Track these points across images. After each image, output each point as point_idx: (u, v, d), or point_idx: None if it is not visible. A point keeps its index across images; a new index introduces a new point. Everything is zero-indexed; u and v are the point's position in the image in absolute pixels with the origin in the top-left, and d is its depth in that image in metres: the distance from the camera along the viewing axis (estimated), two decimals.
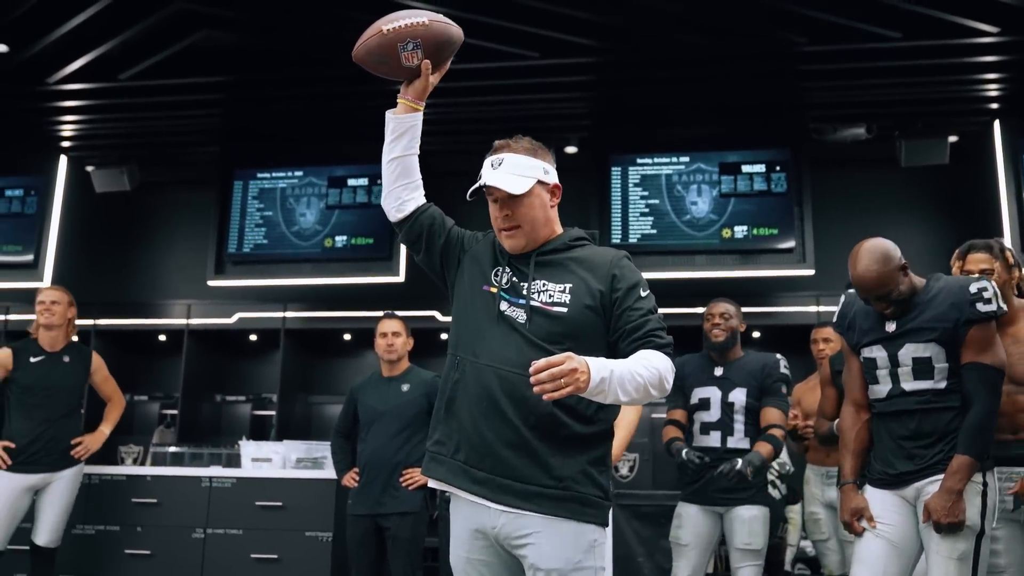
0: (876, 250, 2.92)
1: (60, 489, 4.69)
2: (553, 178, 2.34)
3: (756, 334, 7.32)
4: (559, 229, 2.37)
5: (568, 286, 2.22)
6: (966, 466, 2.78)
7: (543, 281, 2.25)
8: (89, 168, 7.41)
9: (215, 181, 7.38)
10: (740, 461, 3.66)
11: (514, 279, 2.27)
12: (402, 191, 2.42)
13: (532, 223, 2.28)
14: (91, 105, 6.78)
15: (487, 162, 2.35)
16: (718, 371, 3.98)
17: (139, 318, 7.80)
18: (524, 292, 2.24)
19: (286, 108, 6.91)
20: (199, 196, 7.83)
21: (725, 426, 3.89)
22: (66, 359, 4.79)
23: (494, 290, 2.28)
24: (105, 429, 4.93)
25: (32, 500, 4.67)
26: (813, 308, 6.90)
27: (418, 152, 2.43)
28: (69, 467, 4.72)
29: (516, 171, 2.29)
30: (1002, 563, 2.99)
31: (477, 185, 2.30)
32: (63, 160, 7.48)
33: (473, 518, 2.20)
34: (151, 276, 8.14)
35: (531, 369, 1.93)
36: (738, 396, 3.90)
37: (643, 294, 2.23)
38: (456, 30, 2.36)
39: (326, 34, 5.83)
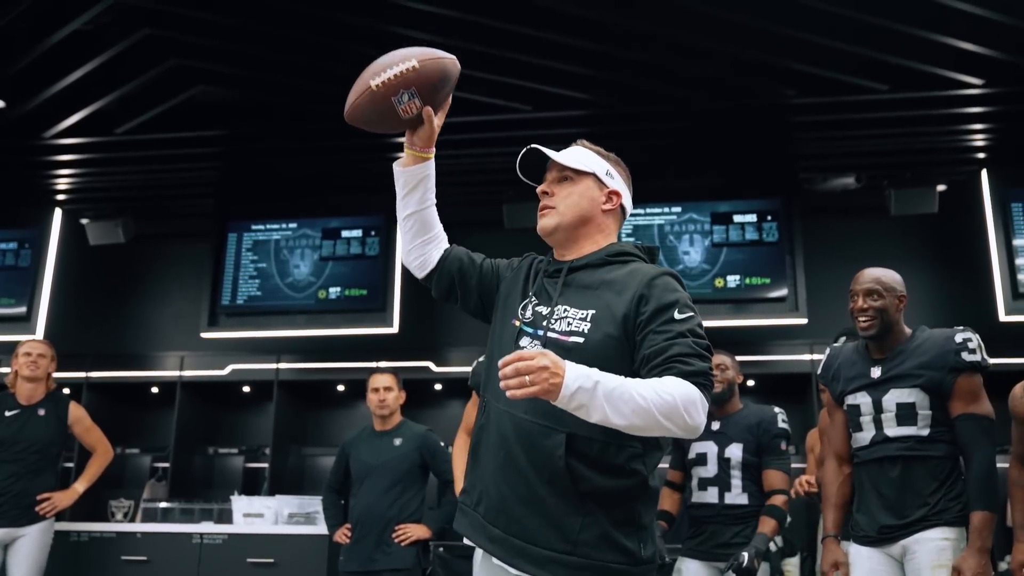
0: (889, 270, 3.11)
1: (27, 546, 4.55)
2: (615, 184, 2.17)
3: (751, 383, 7.31)
4: (606, 242, 2.13)
5: (591, 312, 1.96)
6: (988, 521, 2.79)
7: (565, 307, 2.00)
8: (84, 221, 7.43)
9: (210, 233, 7.41)
10: (746, 555, 3.62)
11: (539, 308, 2.04)
12: (423, 247, 2.26)
13: (571, 210, 2.10)
14: (87, 159, 6.83)
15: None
16: (715, 425, 3.95)
17: (132, 370, 7.76)
18: (544, 322, 2.00)
19: (281, 161, 6.97)
20: (193, 248, 7.86)
21: (722, 482, 3.86)
22: (41, 412, 4.69)
23: (517, 323, 2.06)
24: (79, 487, 4.80)
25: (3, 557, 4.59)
26: (807, 356, 6.90)
27: (434, 202, 2.25)
28: (35, 523, 4.59)
29: (574, 155, 2.16)
30: None
31: (525, 152, 2.15)
32: (58, 213, 7.51)
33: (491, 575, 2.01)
34: (144, 328, 8.13)
35: (499, 363, 1.71)
36: (735, 452, 3.87)
37: (678, 316, 1.89)
38: (450, 62, 2.14)
39: (319, 88, 5.90)
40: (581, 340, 1.93)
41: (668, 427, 1.77)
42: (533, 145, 2.14)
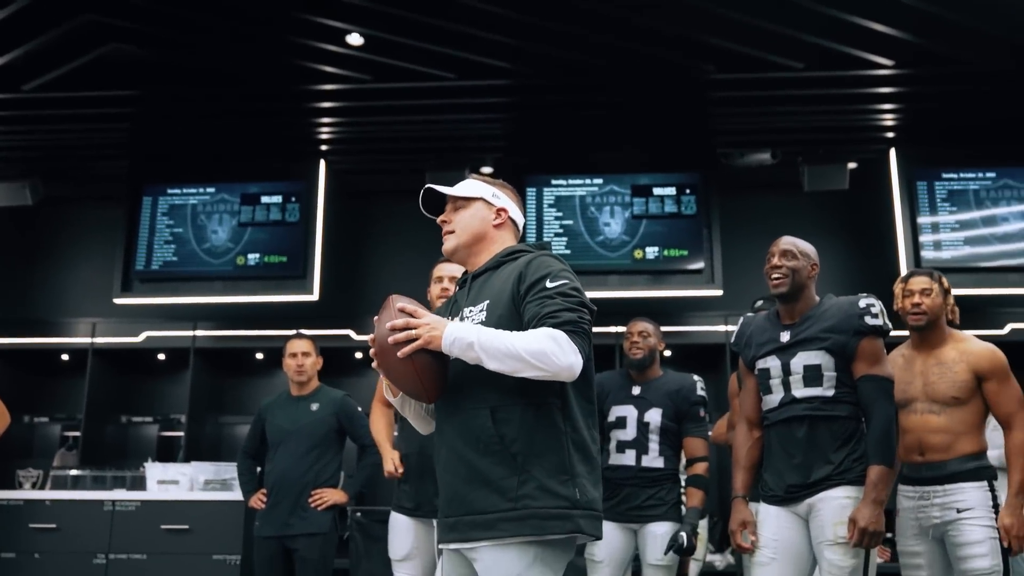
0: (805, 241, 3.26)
1: None
2: (501, 202, 2.44)
3: (667, 353, 7.43)
4: (502, 249, 2.42)
5: (486, 303, 2.27)
6: (884, 475, 2.92)
7: (469, 308, 2.31)
8: None
9: (123, 197, 7.21)
10: (684, 535, 3.73)
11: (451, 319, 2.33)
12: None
13: (465, 231, 2.40)
14: None
15: None
16: (636, 390, 4.03)
17: (40, 336, 7.53)
18: None
19: (197, 124, 6.80)
20: (106, 212, 7.63)
21: (640, 445, 3.95)
22: None
23: None
24: None
25: None
26: (722, 327, 7.08)
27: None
28: None
29: (463, 186, 2.46)
30: (924, 575, 3.21)
31: (423, 192, 2.44)
32: None
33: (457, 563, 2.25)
34: (54, 294, 7.89)
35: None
36: (654, 416, 3.95)
37: (549, 284, 2.19)
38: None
39: (238, 50, 5.78)
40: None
41: (539, 366, 2.07)
42: (428, 185, 2.44)
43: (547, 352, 2.06)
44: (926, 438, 3.24)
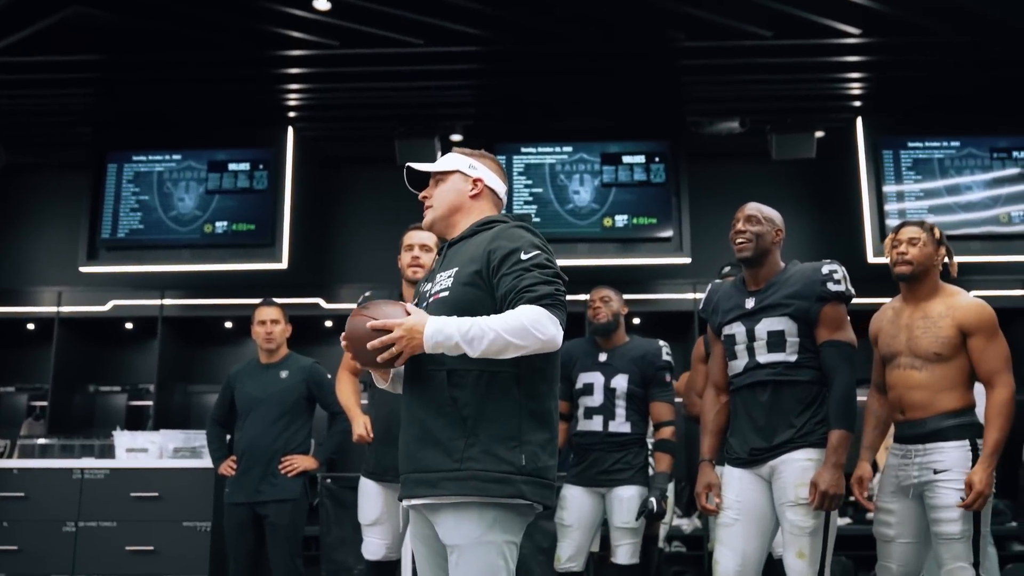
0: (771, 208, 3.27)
1: None
2: (478, 173, 2.48)
3: (636, 320, 7.53)
4: (476, 219, 2.46)
5: (455, 270, 2.32)
6: (844, 439, 2.98)
7: (440, 273, 2.37)
8: None
9: (88, 164, 7.11)
10: (654, 501, 3.80)
11: (426, 285, 2.43)
12: None
13: (442, 204, 2.45)
14: None
15: None
16: (602, 356, 4.09)
17: (5, 305, 7.45)
18: (429, 291, 2.39)
19: (164, 89, 6.70)
20: (71, 179, 7.52)
21: (607, 411, 4.01)
22: None
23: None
24: None
25: None
26: (690, 295, 7.14)
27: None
28: None
29: (441, 161, 2.52)
30: (891, 533, 3.19)
31: (406, 170, 2.52)
32: None
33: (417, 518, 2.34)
34: (18, 262, 7.78)
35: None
36: (620, 382, 4.02)
37: (523, 257, 2.24)
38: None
39: (204, 14, 5.69)
40: (446, 293, 2.31)
41: (523, 344, 2.13)
42: (408, 164, 2.52)
43: (529, 329, 2.12)
44: (906, 395, 3.18)
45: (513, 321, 2.12)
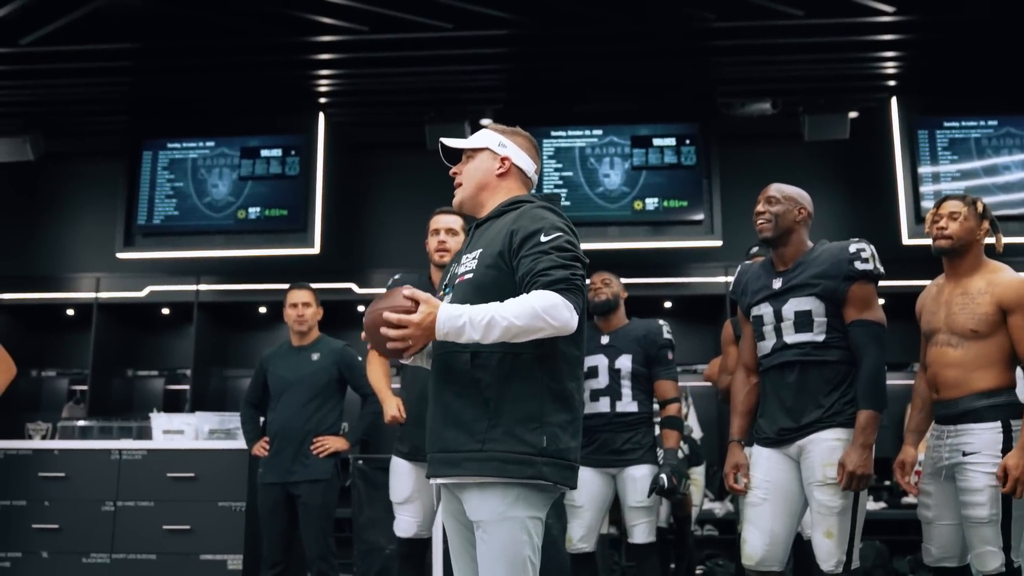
0: (799, 188, 3.24)
1: None
2: (506, 151, 2.46)
3: (667, 304, 7.50)
4: (507, 198, 2.43)
5: (479, 251, 2.31)
6: (873, 420, 2.95)
7: (467, 255, 2.37)
8: None
9: (124, 151, 7.22)
10: (664, 477, 3.80)
11: (455, 267, 2.42)
12: None
13: (470, 182, 2.45)
14: None
15: None
16: (604, 339, 4.12)
17: (44, 292, 7.60)
18: (457, 273, 2.37)
19: (196, 77, 6.78)
20: (107, 167, 7.64)
21: (613, 392, 4.03)
22: None
23: (442, 294, 2.44)
24: None
25: None
26: (721, 278, 7.10)
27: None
28: None
29: (472, 138, 2.50)
30: (930, 515, 3.17)
31: (440, 145, 2.50)
32: None
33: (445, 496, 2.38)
34: (57, 249, 7.93)
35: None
36: (624, 363, 4.04)
37: (543, 239, 2.21)
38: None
39: (235, 3, 5.74)
40: (471, 275, 2.30)
41: (535, 327, 2.11)
42: (442, 140, 2.49)
43: (541, 315, 2.09)
44: (941, 373, 3.12)
45: (526, 307, 2.10)
